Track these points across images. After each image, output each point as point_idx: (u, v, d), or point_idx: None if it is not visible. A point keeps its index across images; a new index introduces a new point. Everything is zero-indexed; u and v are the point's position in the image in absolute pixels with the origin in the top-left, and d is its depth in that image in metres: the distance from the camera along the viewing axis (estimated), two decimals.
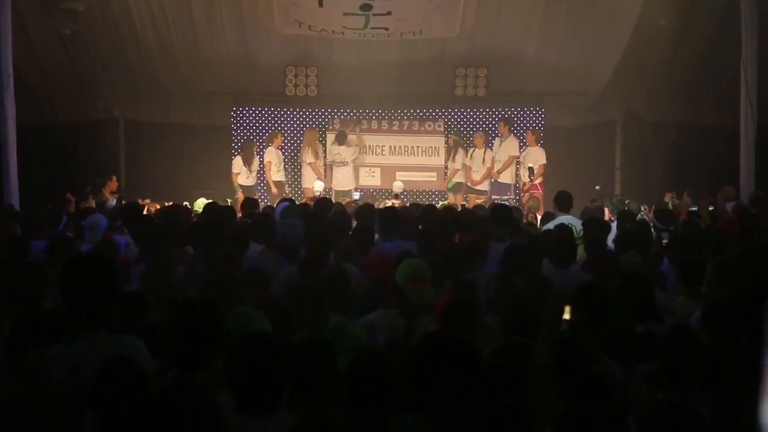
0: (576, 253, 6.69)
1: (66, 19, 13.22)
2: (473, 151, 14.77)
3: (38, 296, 4.79)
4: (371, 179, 15.17)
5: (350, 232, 7.08)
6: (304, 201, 12.15)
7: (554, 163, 14.86)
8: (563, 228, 7.37)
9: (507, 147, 14.47)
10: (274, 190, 14.10)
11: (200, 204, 11.68)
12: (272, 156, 14.43)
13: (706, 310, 4.30)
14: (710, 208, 10.43)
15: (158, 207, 12.55)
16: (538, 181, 14.05)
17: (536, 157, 14.12)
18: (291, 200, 10.03)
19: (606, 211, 10.67)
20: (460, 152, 14.81)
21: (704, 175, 14.03)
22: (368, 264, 5.70)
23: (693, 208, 10.64)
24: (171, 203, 11.78)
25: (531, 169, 13.87)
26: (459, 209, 9.69)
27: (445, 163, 15.09)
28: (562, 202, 8.59)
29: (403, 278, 4.70)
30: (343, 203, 10.26)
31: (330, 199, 9.57)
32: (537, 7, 13.95)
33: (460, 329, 3.96)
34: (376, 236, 7.07)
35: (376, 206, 9.34)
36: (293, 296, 4.58)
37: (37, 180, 13.20)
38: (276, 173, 14.40)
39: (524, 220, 9.34)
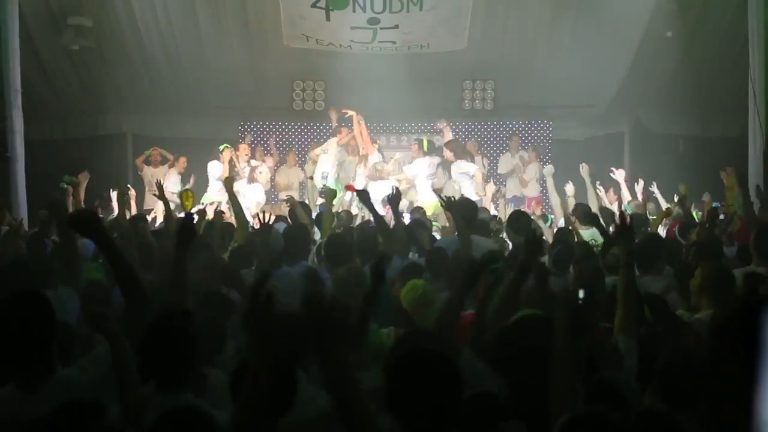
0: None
1: (74, 34, 13.28)
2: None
3: None
4: None
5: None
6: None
7: (563, 176, 14.78)
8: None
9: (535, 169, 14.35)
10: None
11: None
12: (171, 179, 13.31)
13: (714, 325, 4.19)
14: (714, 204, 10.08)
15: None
16: (534, 194, 13.99)
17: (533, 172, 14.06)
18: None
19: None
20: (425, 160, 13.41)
21: (712, 187, 13.94)
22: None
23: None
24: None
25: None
26: None
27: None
28: (585, 216, 7.95)
29: (409, 303, 4.57)
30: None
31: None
32: (544, 20, 13.95)
33: None
34: None
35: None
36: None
37: (45, 195, 13.17)
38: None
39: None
